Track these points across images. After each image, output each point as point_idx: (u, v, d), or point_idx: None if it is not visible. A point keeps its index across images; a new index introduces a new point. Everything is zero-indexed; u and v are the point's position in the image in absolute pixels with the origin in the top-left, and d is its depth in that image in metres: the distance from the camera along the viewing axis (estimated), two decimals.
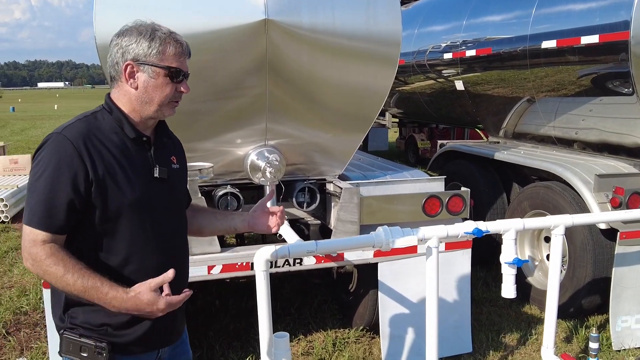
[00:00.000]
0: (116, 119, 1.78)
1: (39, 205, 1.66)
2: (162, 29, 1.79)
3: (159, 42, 1.74)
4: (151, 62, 1.74)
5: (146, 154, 1.83)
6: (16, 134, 22.19)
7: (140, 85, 1.76)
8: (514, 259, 3.02)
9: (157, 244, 1.83)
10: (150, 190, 1.81)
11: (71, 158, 1.66)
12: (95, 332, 1.76)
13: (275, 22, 3.04)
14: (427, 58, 7.00)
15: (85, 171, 1.67)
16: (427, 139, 11.91)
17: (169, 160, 1.93)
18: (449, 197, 3.64)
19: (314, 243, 2.70)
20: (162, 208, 1.85)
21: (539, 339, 4.23)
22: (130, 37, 1.76)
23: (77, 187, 1.66)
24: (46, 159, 1.68)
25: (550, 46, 4.82)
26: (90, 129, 1.74)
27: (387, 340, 3.78)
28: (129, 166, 1.76)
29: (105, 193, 1.70)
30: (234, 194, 3.60)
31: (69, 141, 1.68)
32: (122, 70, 1.76)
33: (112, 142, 1.75)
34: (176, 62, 1.77)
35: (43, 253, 1.64)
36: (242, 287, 5.00)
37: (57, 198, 1.65)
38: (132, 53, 1.74)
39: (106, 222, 1.73)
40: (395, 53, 3.45)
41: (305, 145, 3.67)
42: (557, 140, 5.32)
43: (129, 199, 1.74)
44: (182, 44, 1.79)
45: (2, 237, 7.21)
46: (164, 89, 1.77)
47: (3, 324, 4.50)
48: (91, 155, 1.69)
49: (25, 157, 10.07)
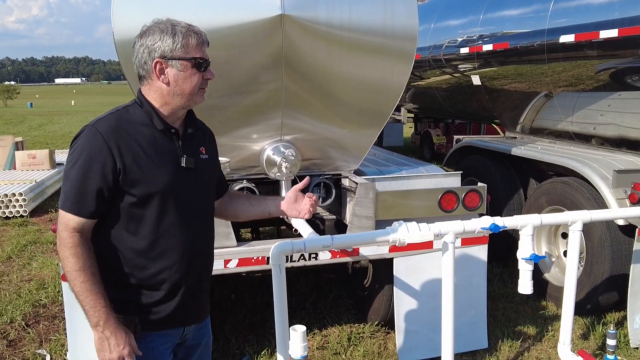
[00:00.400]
0: (146, 112, 1.90)
1: (71, 191, 1.80)
2: (181, 24, 1.89)
3: (181, 37, 1.85)
4: (178, 57, 1.85)
5: (174, 145, 1.94)
6: (34, 130, 22.47)
7: (171, 80, 1.87)
8: (531, 255, 3.00)
9: (182, 230, 1.94)
10: (178, 179, 1.91)
11: (100, 150, 1.79)
12: (124, 308, 1.88)
13: (291, 17, 3.05)
14: (443, 53, 6.97)
15: (114, 162, 1.79)
16: (442, 134, 11.87)
17: (197, 151, 2.03)
18: (465, 193, 3.62)
19: (330, 238, 2.71)
20: (189, 196, 1.96)
21: (555, 336, 4.21)
22: (154, 36, 1.85)
23: (106, 177, 1.79)
24: (79, 149, 1.82)
25: (568, 40, 4.77)
26: (120, 122, 1.87)
27: (402, 336, 3.78)
28: (157, 156, 1.88)
29: (134, 181, 1.83)
30: (250, 189, 3.62)
31: (99, 134, 1.81)
32: (152, 69, 1.86)
33: (141, 134, 1.87)
34: (199, 52, 1.89)
35: (70, 240, 1.79)
36: (258, 282, 5.03)
37: (87, 185, 1.79)
38: (159, 51, 1.85)
39: (135, 207, 1.86)
40: (412, 48, 3.43)
41: (320, 140, 3.67)
42: (575, 136, 5.27)
43: (156, 186, 1.86)
44: (201, 34, 1.91)
45: (21, 230, 7.31)
46: (193, 79, 1.88)
47: (22, 316, 4.57)
48: (120, 147, 1.81)
49: (43, 152, 10.18)
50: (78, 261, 1.77)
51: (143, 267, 1.89)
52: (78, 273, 1.77)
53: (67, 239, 1.79)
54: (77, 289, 1.78)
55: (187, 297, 1.98)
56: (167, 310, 1.95)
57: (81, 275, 1.77)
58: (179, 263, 1.94)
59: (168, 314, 1.95)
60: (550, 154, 4.95)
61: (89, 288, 1.77)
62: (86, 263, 1.78)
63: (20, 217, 7.88)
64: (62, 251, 1.80)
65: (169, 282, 1.93)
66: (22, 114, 33.28)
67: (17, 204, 7.88)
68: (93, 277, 1.78)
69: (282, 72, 3.25)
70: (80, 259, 1.77)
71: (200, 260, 2.04)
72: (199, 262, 2.02)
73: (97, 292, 1.78)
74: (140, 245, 1.88)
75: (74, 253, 1.78)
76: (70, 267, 1.77)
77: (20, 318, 4.52)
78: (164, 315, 1.94)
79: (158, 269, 1.90)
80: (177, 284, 1.95)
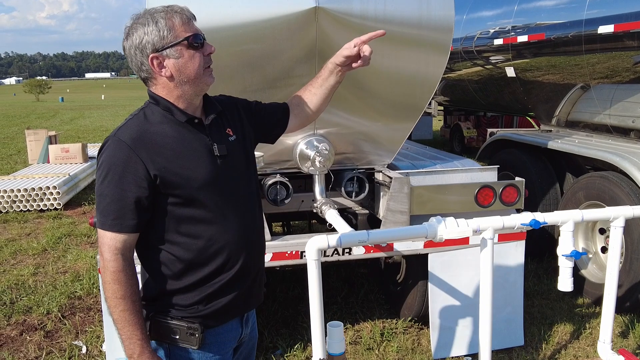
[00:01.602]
0: (164, 108, 1.80)
1: (109, 207, 1.70)
2: (158, 9, 1.75)
3: (163, 21, 1.72)
4: (169, 44, 1.73)
5: (202, 135, 1.84)
6: (66, 124, 22.87)
7: (173, 71, 1.76)
8: (571, 252, 2.92)
9: (234, 219, 1.87)
10: (215, 169, 1.82)
11: (129, 159, 1.70)
12: (186, 312, 1.82)
13: (325, 9, 3.01)
14: (476, 44, 6.85)
15: (145, 169, 1.70)
16: (473, 127, 11.71)
17: (225, 134, 1.92)
18: (502, 187, 3.55)
19: (366, 233, 2.66)
20: (231, 183, 1.88)
21: (593, 333, 4.11)
22: (138, 33, 1.73)
23: (141, 185, 1.70)
24: (106, 163, 1.71)
25: (607, 31, 4.64)
26: (142, 126, 1.76)
27: (437, 332, 3.73)
28: (188, 152, 1.78)
29: (172, 184, 1.74)
30: (283, 183, 3.61)
31: (124, 143, 1.71)
32: (150, 67, 1.76)
33: (166, 134, 1.77)
34: (189, 30, 1.75)
35: (112, 264, 1.70)
36: (289, 275, 5.03)
37: (124, 199, 1.69)
38: (149, 46, 1.73)
39: (181, 207, 1.77)
40: (448, 39, 3.36)
41: (354, 134, 3.63)
42: (613, 129, 5.13)
43: (197, 183, 1.76)
44: (183, 11, 1.77)
45: (56, 223, 7.45)
46: (194, 60, 1.76)
47: (59, 307, 4.65)
48: (148, 151, 1.71)
49: (76, 145, 10.35)
50: (120, 288, 1.69)
51: (203, 265, 1.82)
52: (119, 301, 1.70)
53: (110, 261, 1.70)
54: (116, 317, 1.72)
55: (247, 285, 1.93)
56: (229, 301, 1.88)
57: (121, 303, 1.70)
58: (237, 253, 1.87)
59: (230, 305, 1.89)
60: (588, 148, 4.82)
61: (128, 318, 1.70)
62: (127, 291, 1.70)
63: (55, 210, 8.03)
64: (104, 275, 1.71)
65: (231, 274, 1.86)
66: (53, 108, 33.91)
67: (51, 197, 8.03)
68: (133, 306, 1.71)
69: (316, 65, 3.21)
70: (123, 287, 1.69)
71: (257, 244, 1.98)
72: (255, 246, 1.96)
73: (135, 323, 1.71)
74: (198, 244, 1.80)
75: (116, 279, 1.69)
76: (111, 294, 1.70)
77: (56, 309, 4.60)
78: (226, 307, 1.88)
79: (219, 264, 1.83)
80: (238, 275, 1.88)
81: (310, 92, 2.23)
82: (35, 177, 8.71)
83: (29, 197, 8.00)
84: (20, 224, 7.47)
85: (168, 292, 1.82)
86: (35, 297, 4.87)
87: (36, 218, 7.77)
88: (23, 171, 9.69)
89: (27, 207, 8.02)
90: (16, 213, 7.93)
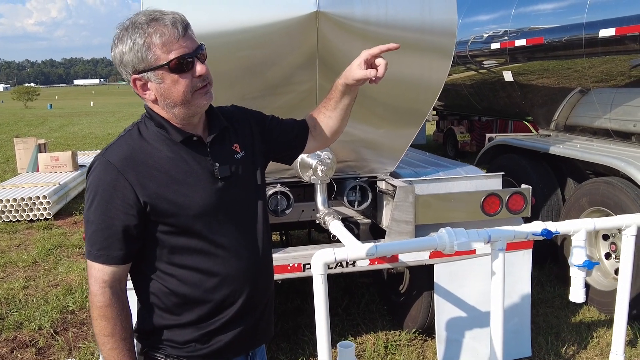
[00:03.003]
0: (159, 125, 1.61)
1: (94, 236, 1.55)
2: (141, 20, 1.49)
3: (141, 40, 1.47)
4: (148, 67, 1.50)
5: (202, 155, 1.64)
6: (55, 131, 22.63)
7: (157, 94, 1.56)
8: (584, 262, 2.83)
9: (237, 247, 1.68)
10: (216, 194, 1.63)
11: (116, 184, 1.53)
12: (182, 351, 1.67)
13: (326, 14, 2.91)
14: (471, 48, 6.78)
15: (134, 195, 1.53)
16: (466, 131, 11.66)
17: (231, 151, 1.72)
18: (509, 195, 3.46)
19: (374, 246, 2.56)
20: (235, 207, 1.69)
21: (600, 342, 4.03)
22: (118, 49, 1.52)
23: (129, 213, 1.54)
24: (93, 187, 1.55)
25: (608, 34, 4.58)
26: (134, 144, 1.59)
27: (443, 345, 3.63)
28: (184, 175, 1.60)
29: (164, 212, 1.57)
30: (283, 193, 3.50)
31: (111, 165, 1.54)
32: (134, 88, 1.58)
33: (161, 154, 1.59)
34: (171, 49, 1.48)
35: (100, 298, 1.56)
36: (287, 286, 4.91)
37: (110, 227, 1.54)
38: (130, 65, 1.52)
39: (175, 236, 1.60)
40: (451, 43, 3.28)
41: (356, 141, 3.53)
42: (614, 133, 5.06)
43: (194, 210, 1.59)
44: (168, 26, 1.48)
45: (46, 234, 7.28)
46: (178, 85, 1.52)
47: (51, 323, 4.50)
48: (138, 175, 1.54)
49: (65, 154, 10.17)
50: (107, 325, 1.55)
51: (200, 301, 1.64)
52: (106, 339, 1.55)
53: (96, 295, 1.55)
54: (105, 355, 1.57)
55: (253, 321, 1.75)
56: (231, 339, 1.70)
57: (109, 342, 1.55)
58: (240, 287, 1.68)
59: (233, 344, 1.71)
60: (591, 153, 4.75)
61: (116, 357, 1.56)
62: (116, 328, 1.55)
63: (45, 220, 7.86)
64: (92, 310, 1.57)
65: (233, 310, 1.68)
66: (42, 115, 33.59)
67: (41, 206, 7.87)
68: (123, 344, 1.57)
69: (316, 71, 3.12)
70: (110, 323, 1.55)
71: (264, 274, 1.77)
72: (261, 278, 1.74)
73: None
74: (194, 278, 1.62)
75: (103, 315, 1.54)
76: (98, 331, 1.56)
77: (48, 325, 4.46)
78: (228, 346, 1.70)
79: (218, 299, 1.65)
80: (242, 311, 1.70)
81: (326, 115, 1.99)
82: (24, 187, 8.54)
83: (18, 207, 7.83)
84: (10, 234, 7.30)
85: (162, 327, 1.66)
86: (26, 312, 4.72)
87: (26, 229, 7.60)
88: (12, 180, 9.50)
89: (16, 218, 7.85)
90: (5, 224, 7.76)
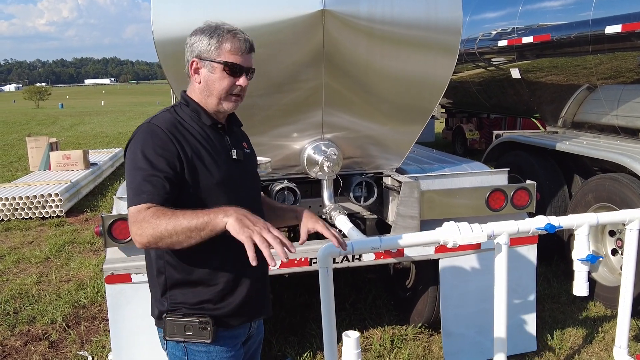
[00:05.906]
0: (193, 109, 1.93)
1: (144, 183, 1.73)
2: (225, 27, 1.87)
3: (216, 39, 1.85)
4: (209, 58, 1.86)
5: (223, 139, 1.97)
6: (66, 130, 22.84)
7: (202, 80, 1.89)
8: (587, 256, 2.87)
9: None
10: (231, 171, 1.92)
11: (164, 141, 1.79)
12: (196, 310, 1.88)
13: (332, 12, 2.96)
14: (479, 46, 6.80)
15: (177, 153, 1.79)
16: (475, 129, 11.65)
17: (242, 145, 2.06)
18: (514, 191, 3.49)
19: (378, 239, 2.61)
20: (243, 187, 1.98)
21: (605, 337, 4.05)
22: (195, 36, 1.89)
23: (174, 165, 1.77)
24: (139, 143, 1.79)
25: (614, 31, 4.59)
26: (174, 118, 1.90)
27: (449, 339, 3.67)
28: (211, 149, 1.89)
29: (195, 173, 1.82)
30: (290, 189, 3.55)
31: (159, 127, 1.82)
32: (188, 68, 1.91)
33: (193, 129, 1.89)
34: (233, 57, 1.85)
35: (149, 213, 1.66)
36: (295, 281, 4.97)
37: (158, 175, 1.74)
38: (197, 50, 1.87)
39: (197, 200, 1.81)
40: (456, 41, 3.32)
41: (362, 138, 3.58)
42: (621, 130, 5.07)
43: (215, 178, 1.85)
44: (240, 40, 1.86)
45: (58, 231, 7.39)
46: (222, 82, 1.87)
47: (63, 317, 4.58)
48: (179, 139, 1.82)
49: (77, 152, 10.30)
50: (167, 213, 1.64)
51: (206, 262, 1.85)
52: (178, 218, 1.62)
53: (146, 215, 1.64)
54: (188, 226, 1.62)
55: (253, 289, 1.96)
56: (235, 302, 1.91)
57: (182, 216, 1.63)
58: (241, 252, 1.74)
59: (236, 309, 1.92)
60: (598, 149, 4.76)
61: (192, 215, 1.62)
62: (170, 211, 1.65)
63: (57, 218, 7.97)
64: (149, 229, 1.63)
65: (236, 273, 1.90)
66: (53, 114, 33.89)
67: (53, 204, 7.98)
68: (184, 214, 1.63)
69: (323, 69, 3.17)
70: (168, 212, 1.64)
71: None
72: None
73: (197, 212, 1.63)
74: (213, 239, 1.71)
75: (160, 214, 1.64)
76: (167, 223, 1.62)
77: (60, 319, 4.54)
78: (232, 309, 1.91)
79: (222, 261, 1.87)
80: (243, 274, 1.91)
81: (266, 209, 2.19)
82: (36, 185, 8.66)
83: (30, 204, 7.94)
84: (23, 232, 7.42)
85: (175, 289, 1.87)
86: (39, 307, 4.81)
87: (38, 226, 7.71)
88: (24, 178, 9.64)
89: (29, 215, 7.96)
90: (18, 221, 7.87)
